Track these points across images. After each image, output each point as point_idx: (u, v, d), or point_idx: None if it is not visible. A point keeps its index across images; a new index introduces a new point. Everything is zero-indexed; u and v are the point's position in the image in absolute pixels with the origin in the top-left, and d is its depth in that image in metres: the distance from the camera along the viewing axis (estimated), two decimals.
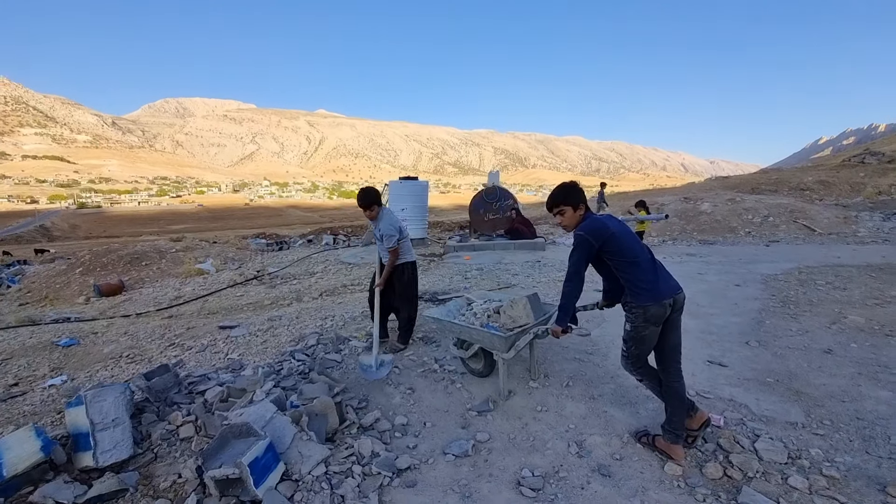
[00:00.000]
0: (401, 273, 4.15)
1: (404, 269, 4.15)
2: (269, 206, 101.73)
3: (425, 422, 3.01)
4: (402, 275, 4.16)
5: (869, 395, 3.01)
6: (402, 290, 4.18)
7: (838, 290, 5.63)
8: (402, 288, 4.17)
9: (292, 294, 7.04)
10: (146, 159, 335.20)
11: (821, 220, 11.40)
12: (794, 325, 4.49)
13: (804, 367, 3.51)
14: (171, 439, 2.91)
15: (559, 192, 2.49)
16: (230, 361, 4.27)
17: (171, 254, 10.75)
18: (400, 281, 4.16)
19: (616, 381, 3.38)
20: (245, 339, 4.91)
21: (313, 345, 4.44)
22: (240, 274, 8.81)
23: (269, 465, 2.16)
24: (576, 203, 2.46)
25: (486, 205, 11.78)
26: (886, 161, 22.82)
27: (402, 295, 4.19)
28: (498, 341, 3.01)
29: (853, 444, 2.50)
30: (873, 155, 24.41)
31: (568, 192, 2.47)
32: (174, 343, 5.11)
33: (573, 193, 2.47)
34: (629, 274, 2.31)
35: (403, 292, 4.18)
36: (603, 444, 2.60)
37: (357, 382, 3.64)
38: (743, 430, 2.67)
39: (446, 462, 2.55)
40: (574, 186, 2.50)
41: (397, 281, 4.16)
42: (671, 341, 2.37)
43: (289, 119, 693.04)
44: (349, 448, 2.58)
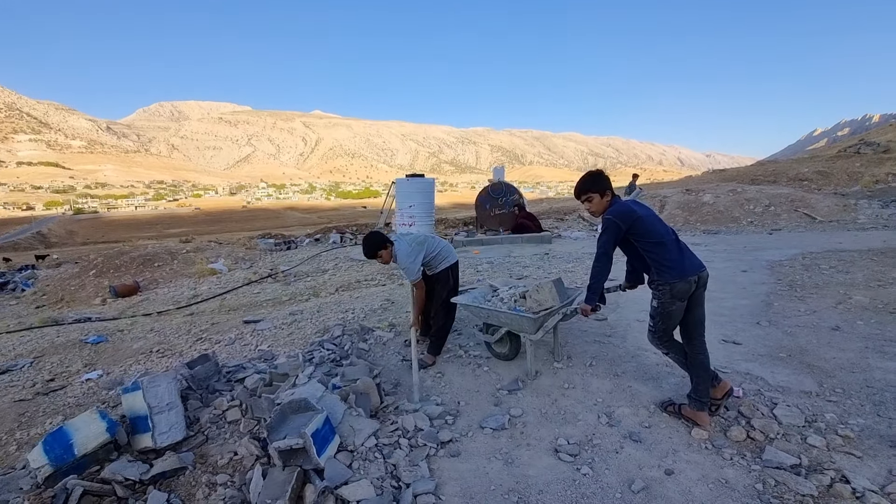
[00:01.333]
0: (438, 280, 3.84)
1: (448, 273, 3.85)
2: (267, 208, 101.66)
3: (459, 401, 3.18)
4: (444, 280, 3.84)
5: (877, 366, 3.19)
6: (439, 296, 3.85)
7: (842, 273, 5.82)
8: (440, 293, 3.85)
9: (308, 290, 7.20)
10: (142, 164, 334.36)
11: (821, 208, 11.61)
12: (802, 306, 4.67)
13: (814, 343, 3.69)
14: (220, 422, 3.07)
15: (587, 180, 2.66)
16: (261, 352, 4.43)
17: (183, 255, 10.89)
18: (438, 285, 3.85)
19: (637, 359, 3.56)
20: (271, 332, 5.07)
21: (339, 335, 4.59)
22: (253, 272, 8.97)
23: (327, 436, 2.32)
24: (602, 189, 2.63)
25: (492, 200, 11.95)
26: (882, 151, 23.03)
27: (439, 302, 3.85)
28: (527, 323, 3.18)
29: (865, 408, 2.68)
30: (868, 145, 24.62)
31: (595, 180, 2.65)
32: (201, 338, 5.27)
33: (599, 180, 2.64)
34: (656, 254, 2.48)
35: (439, 299, 3.84)
36: (631, 415, 2.78)
37: (387, 369, 3.80)
38: (761, 399, 2.85)
39: (485, 434, 2.72)
40: (600, 174, 2.67)
41: (435, 286, 3.86)
42: (696, 316, 2.54)
43: (284, 120, 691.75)
44: (394, 423, 2.75)
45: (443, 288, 3.83)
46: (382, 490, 2.16)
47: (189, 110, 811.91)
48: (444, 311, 3.85)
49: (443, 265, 3.84)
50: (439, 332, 3.87)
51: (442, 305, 3.84)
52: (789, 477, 2.10)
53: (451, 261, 3.89)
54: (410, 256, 3.56)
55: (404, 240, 3.69)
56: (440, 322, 3.85)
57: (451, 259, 3.89)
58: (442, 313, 3.84)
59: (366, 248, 3.62)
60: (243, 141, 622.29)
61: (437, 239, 3.99)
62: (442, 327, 3.87)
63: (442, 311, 3.84)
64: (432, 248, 3.78)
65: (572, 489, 2.18)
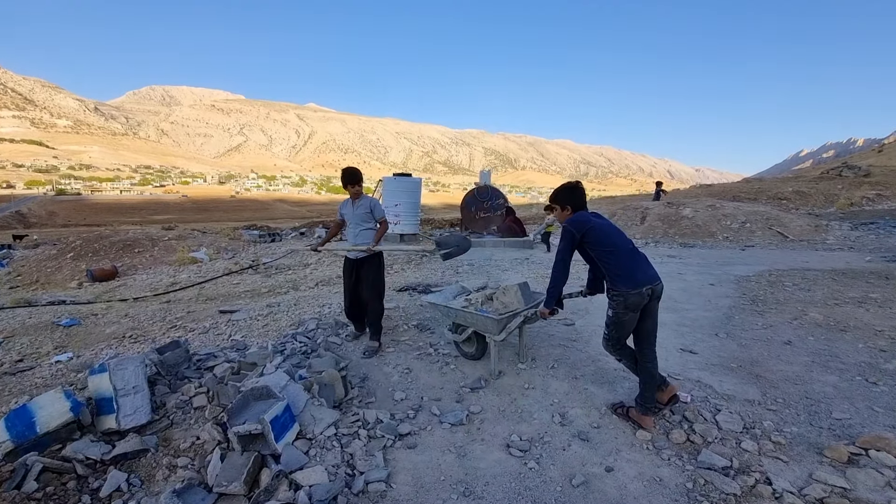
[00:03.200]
0: (372, 262, 4.16)
1: (377, 257, 4.20)
2: (255, 199, 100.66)
3: (423, 396, 3.29)
4: (372, 264, 4.15)
5: (818, 379, 3.37)
6: (373, 280, 4.15)
7: (803, 290, 6.06)
8: (374, 277, 4.16)
9: (288, 283, 7.25)
10: (129, 147, 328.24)
11: (794, 227, 11.97)
12: (760, 320, 4.87)
13: (765, 355, 3.88)
14: (186, 408, 3.14)
15: (556, 192, 2.85)
16: (234, 342, 4.48)
17: (164, 242, 10.82)
18: (370, 269, 4.15)
19: (597, 364, 3.70)
20: (246, 322, 5.12)
21: (313, 329, 4.67)
22: (234, 263, 8.97)
23: (286, 423, 2.41)
24: (562, 204, 2.81)
25: (478, 203, 12.09)
26: (862, 175, 23.77)
27: (373, 287, 4.15)
28: (490, 324, 3.30)
29: (800, 417, 2.85)
30: (850, 168, 25.37)
31: (559, 194, 2.84)
32: (176, 325, 5.29)
33: (561, 195, 2.84)
34: (607, 262, 2.62)
35: (374, 282, 4.15)
36: (583, 416, 2.91)
37: (357, 363, 3.90)
38: (706, 405, 3.01)
39: (443, 429, 2.83)
40: (565, 190, 2.84)
41: (368, 270, 4.15)
42: (648, 326, 2.69)
43: (278, 111, 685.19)
44: (356, 415, 2.85)
45: (369, 269, 4.20)
46: (336, 476, 2.26)
47: (181, 95, 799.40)
48: (377, 294, 4.24)
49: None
50: (377, 317, 4.24)
51: (374, 289, 4.21)
52: (717, 477, 2.25)
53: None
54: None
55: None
56: (376, 306, 4.22)
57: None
58: (377, 298, 4.23)
59: (352, 173, 4.12)
60: (235, 130, 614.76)
61: None
62: (377, 312, 4.23)
63: (376, 296, 4.23)
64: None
65: (517, 482, 2.31)
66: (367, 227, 4.22)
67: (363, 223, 4.20)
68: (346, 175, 4.11)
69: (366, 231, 4.21)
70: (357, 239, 4.18)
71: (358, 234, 4.20)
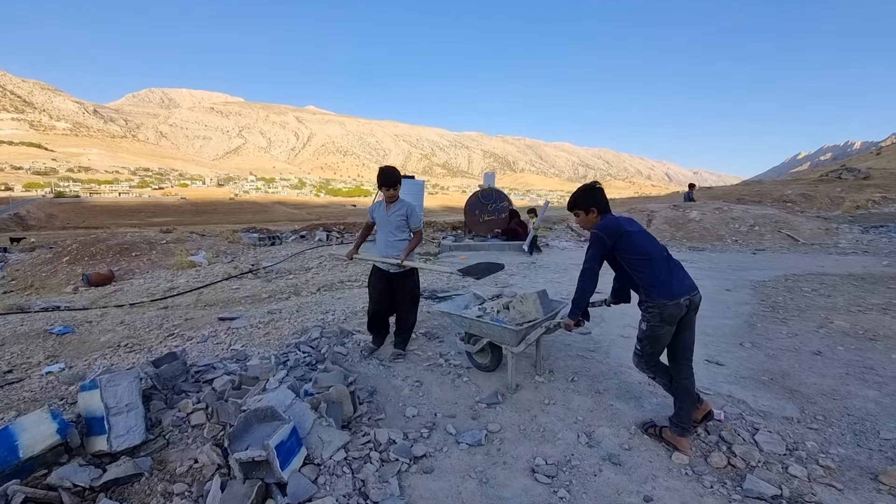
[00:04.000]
0: (408, 275, 3.91)
1: (413, 269, 3.93)
2: (254, 202, 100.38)
3: (436, 412, 3.07)
4: (410, 274, 3.93)
5: (857, 394, 3.17)
6: (411, 290, 3.95)
7: (823, 296, 5.86)
8: (412, 286, 3.96)
9: (289, 288, 7.03)
10: (128, 149, 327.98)
11: (804, 230, 11.79)
12: (784, 328, 4.67)
13: (796, 367, 3.67)
14: (183, 426, 2.92)
15: (577, 195, 2.62)
16: (234, 352, 4.27)
17: (162, 245, 10.60)
18: (409, 280, 3.92)
19: (619, 376, 3.49)
20: (247, 330, 4.91)
21: (317, 337, 4.46)
22: (234, 267, 8.75)
23: (293, 448, 2.20)
24: (587, 207, 2.60)
25: (482, 206, 11.89)
26: (862, 177, 23.68)
27: (411, 298, 3.97)
28: (509, 335, 3.09)
29: (845, 437, 2.64)
30: (850, 171, 25.29)
31: (582, 196, 2.62)
32: (173, 333, 5.08)
33: (586, 197, 2.61)
34: (642, 272, 2.41)
35: (411, 295, 3.96)
36: (611, 435, 2.70)
37: (364, 375, 3.68)
38: (742, 423, 2.80)
39: (460, 450, 2.62)
40: (589, 190, 2.62)
41: (405, 282, 3.91)
42: (685, 340, 2.48)
43: (277, 114, 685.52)
44: (366, 435, 2.63)
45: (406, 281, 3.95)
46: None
47: (180, 98, 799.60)
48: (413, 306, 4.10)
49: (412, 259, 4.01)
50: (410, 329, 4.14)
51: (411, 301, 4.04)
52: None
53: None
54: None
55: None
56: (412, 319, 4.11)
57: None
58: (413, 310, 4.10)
59: (390, 172, 3.75)
60: (234, 132, 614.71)
61: None
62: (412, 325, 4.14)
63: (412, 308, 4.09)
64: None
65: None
66: (401, 238, 3.89)
67: (397, 232, 3.88)
68: (384, 176, 3.72)
69: (400, 242, 3.89)
70: (389, 250, 3.86)
71: (391, 244, 3.87)
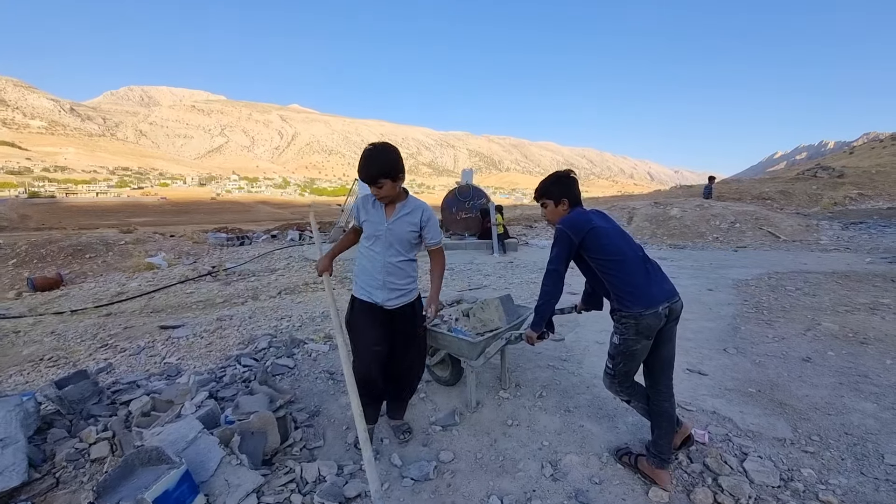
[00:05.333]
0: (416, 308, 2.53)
1: (419, 300, 2.59)
2: (237, 201, 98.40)
3: (382, 438, 2.66)
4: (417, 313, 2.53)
5: (854, 408, 2.85)
6: (422, 338, 2.63)
7: (808, 296, 5.60)
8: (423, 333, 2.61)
9: (248, 292, 6.54)
10: (107, 148, 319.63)
11: (785, 227, 11.66)
12: (770, 331, 4.37)
13: (784, 376, 3.36)
14: (80, 461, 2.46)
15: (542, 184, 2.23)
16: (166, 366, 3.80)
17: (120, 246, 9.97)
18: (416, 320, 2.52)
19: (592, 390, 3.12)
20: (188, 340, 4.43)
21: (264, 348, 4.02)
22: (193, 269, 8.20)
23: (182, 498, 1.77)
24: (557, 197, 2.20)
25: (459, 203, 11.49)
26: (836, 175, 23.98)
27: (420, 345, 2.61)
28: (466, 347, 2.70)
29: (846, 462, 2.31)
30: (824, 170, 25.62)
31: (548, 186, 2.21)
32: (107, 344, 4.57)
33: (554, 187, 2.21)
34: (614, 274, 2.03)
35: (422, 341, 2.63)
36: (580, 465, 2.32)
37: (309, 391, 3.26)
38: (729, 447, 2.45)
39: (403, 487, 2.21)
40: (560, 179, 2.22)
41: (411, 321, 2.50)
42: (664, 356, 2.10)
43: (260, 112, 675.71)
44: (290, 472, 2.21)
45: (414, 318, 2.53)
46: None
47: (160, 96, 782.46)
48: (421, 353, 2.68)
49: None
50: (416, 385, 2.76)
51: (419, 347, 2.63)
52: None
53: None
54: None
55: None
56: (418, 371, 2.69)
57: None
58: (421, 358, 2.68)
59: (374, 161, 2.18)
60: (216, 131, 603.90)
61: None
62: (418, 378, 2.73)
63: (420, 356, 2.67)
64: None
65: None
66: (409, 259, 2.42)
67: (403, 250, 2.37)
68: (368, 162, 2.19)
69: (408, 267, 2.42)
70: (391, 279, 2.36)
71: (394, 271, 2.36)
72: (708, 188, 16.96)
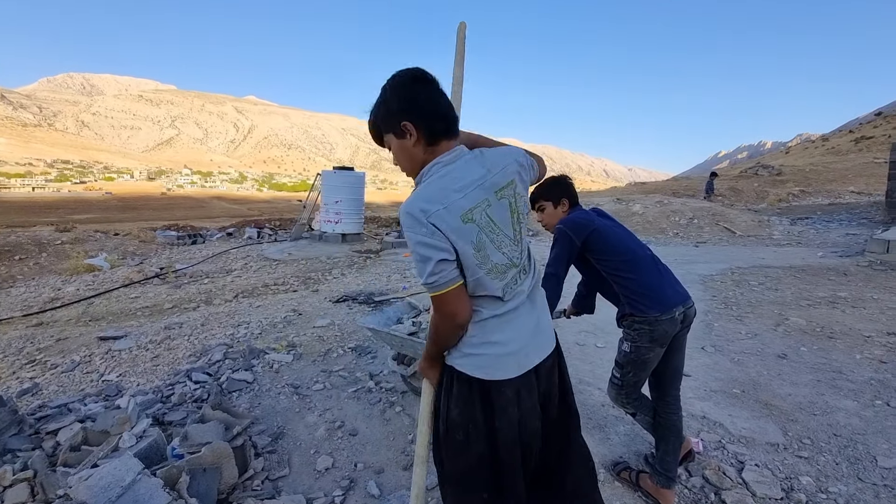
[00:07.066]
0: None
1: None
2: (190, 196, 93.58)
3: (357, 462, 2.39)
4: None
5: (836, 407, 2.84)
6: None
7: (771, 290, 5.75)
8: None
9: (201, 295, 6.04)
10: (43, 139, 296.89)
11: (739, 223, 12.14)
12: (742, 327, 4.40)
13: (764, 374, 3.34)
14: None
15: (538, 189, 2.04)
16: (105, 385, 3.36)
17: (55, 246, 9.07)
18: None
19: (580, 395, 2.97)
20: (131, 353, 3.97)
21: (218, 360, 3.64)
22: (139, 271, 7.54)
23: None
24: (556, 198, 2.01)
25: None
26: (775, 174, 25.61)
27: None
28: None
29: (841, 467, 2.25)
30: (765, 168, 27.30)
31: (546, 188, 2.02)
32: (35, 360, 4.04)
33: (553, 188, 2.02)
34: (625, 275, 1.84)
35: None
36: None
37: (271, 410, 2.94)
38: (725, 456, 2.35)
39: None
40: (556, 181, 2.03)
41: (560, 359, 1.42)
42: (674, 365, 1.95)
43: (214, 104, 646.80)
44: None
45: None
46: None
47: (103, 84, 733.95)
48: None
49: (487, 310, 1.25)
50: None
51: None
52: None
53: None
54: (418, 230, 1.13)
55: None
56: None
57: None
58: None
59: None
60: (166, 122, 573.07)
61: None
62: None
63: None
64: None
65: None
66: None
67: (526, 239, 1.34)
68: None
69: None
70: (541, 312, 1.35)
71: (537, 296, 1.35)
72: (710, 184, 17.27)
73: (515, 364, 1.24)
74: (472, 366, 1.23)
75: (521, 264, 1.25)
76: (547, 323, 1.35)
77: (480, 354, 1.22)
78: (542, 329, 1.32)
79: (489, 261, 1.17)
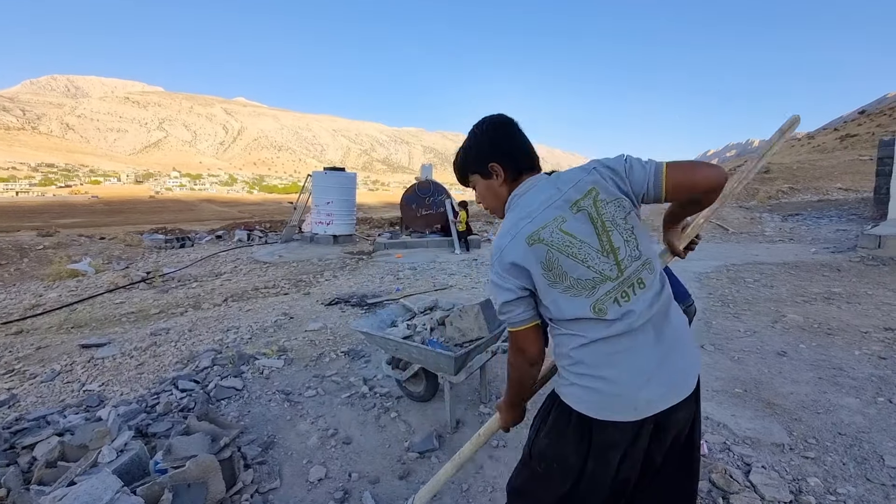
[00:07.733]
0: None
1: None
2: (179, 199, 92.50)
3: (351, 472, 2.30)
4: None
5: (839, 405, 2.79)
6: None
7: (767, 287, 5.73)
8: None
9: (189, 300, 5.89)
10: (27, 143, 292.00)
11: (732, 220, 12.20)
12: (740, 325, 4.36)
13: (765, 372, 3.29)
14: None
15: None
16: (86, 395, 3.23)
17: (38, 251, 8.84)
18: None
19: None
20: (114, 361, 3.83)
21: (206, 367, 3.52)
22: (124, 276, 7.36)
23: None
24: None
25: (419, 200, 11.14)
26: (763, 172, 25.93)
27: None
28: (444, 361, 2.38)
29: (848, 468, 2.20)
30: None
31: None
32: (13, 369, 3.88)
33: None
34: None
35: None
36: None
37: (262, 418, 2.83)
38: (731, 458, 2.29)
39: None
40: None
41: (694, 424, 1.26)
42: None
43: (202, 105, 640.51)
44: None
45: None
46: None
47: (89, 86, 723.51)
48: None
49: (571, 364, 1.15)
50: None
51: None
52: None
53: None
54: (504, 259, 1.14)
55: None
56: None
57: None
58: None
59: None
60: (154, 125, 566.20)
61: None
62: None
63: None
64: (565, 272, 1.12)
65: None
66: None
67: (645, 251, 1.13)
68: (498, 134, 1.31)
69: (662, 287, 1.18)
70: (675, 342, 1.14)
71: (660, 322, 1.13)
72: None
73: (631, 407, 1.07)
74: (576, 398, 1.12)
75: (619, 278, 1.09)
76: (680, 359, 1.14)
77: (587, 388, 1.10)
78: (673, 367, 1.12)
79: (567, 277, 1.09)
